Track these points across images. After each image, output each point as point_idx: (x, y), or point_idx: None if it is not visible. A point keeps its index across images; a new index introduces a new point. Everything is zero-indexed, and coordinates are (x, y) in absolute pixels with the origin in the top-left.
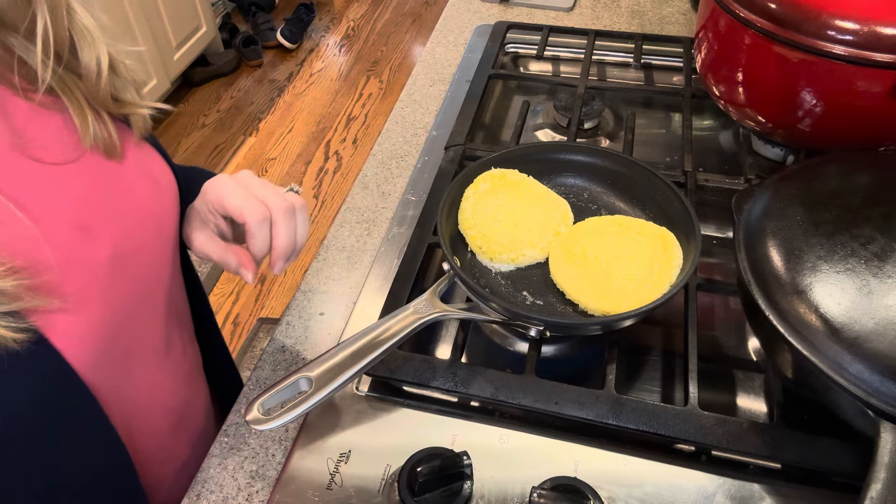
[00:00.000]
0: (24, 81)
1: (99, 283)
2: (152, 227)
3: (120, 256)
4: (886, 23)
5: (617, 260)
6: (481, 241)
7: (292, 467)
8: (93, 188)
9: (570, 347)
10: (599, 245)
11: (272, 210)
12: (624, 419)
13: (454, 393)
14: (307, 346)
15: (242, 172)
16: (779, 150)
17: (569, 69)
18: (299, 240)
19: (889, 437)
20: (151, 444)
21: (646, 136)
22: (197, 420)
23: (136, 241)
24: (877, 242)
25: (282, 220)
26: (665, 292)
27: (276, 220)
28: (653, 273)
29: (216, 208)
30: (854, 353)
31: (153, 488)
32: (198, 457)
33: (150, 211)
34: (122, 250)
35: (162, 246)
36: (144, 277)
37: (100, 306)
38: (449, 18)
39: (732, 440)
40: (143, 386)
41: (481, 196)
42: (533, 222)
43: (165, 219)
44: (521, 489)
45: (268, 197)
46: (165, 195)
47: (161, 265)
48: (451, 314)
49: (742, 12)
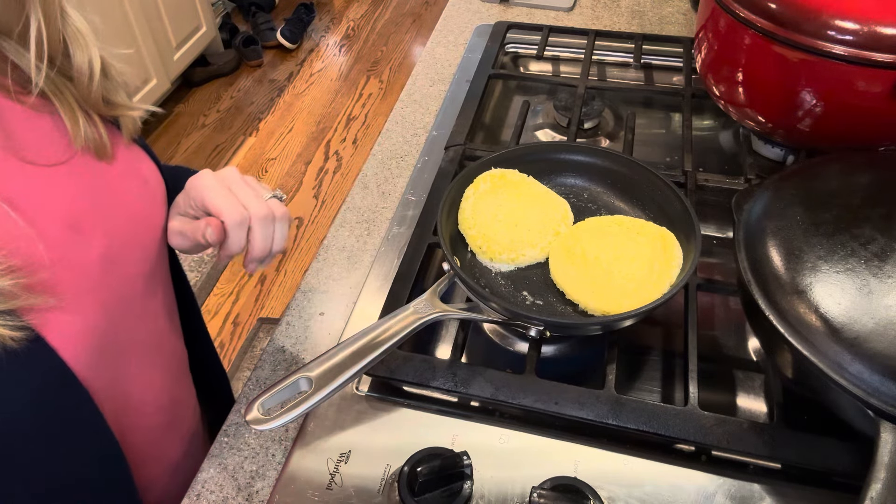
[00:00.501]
0: (17, 85)
1: (91, 281)
2: (142, 226)
3: (111, 255)
4: (886, 23)
5: (617, 260)
6: (481, 241)
7: (292, 467)
8: (84, 189)
9: (570, 347)
10: (599, 245)
11: (251, 214)
12: (624, 419)
13: (454, 393)
14: (307, 346)
15: (227, 170)
16: (779, 150)
17: (569, 69)
18: (275, 246)
19: (889, 437)
20: (144, 442)
21: (646, 136)
22: (187, 418)
23: (127, 239)
24: (877, 242)
25: (258, 226)
26: (665, 292)
27: (254, 225)
28: (653, 273)
29: (197, 204)
30: (854, 353)
31: (146, 488)
32: (189, 456)
33: (139, 211)
34: (113, 249)
35: (151, 244)
36: (135, 276)
37: (93, 304)
38: (449, 18)
39: (732, 440)
40: (135, 383)
41: (481, 196)
42: (533, 222)
43: (155, 218)
44: (521, 489)
45: (249, 200)
46: (154, 195)
47: (151, 263)
48: (451, 314)
49: (742, 12)
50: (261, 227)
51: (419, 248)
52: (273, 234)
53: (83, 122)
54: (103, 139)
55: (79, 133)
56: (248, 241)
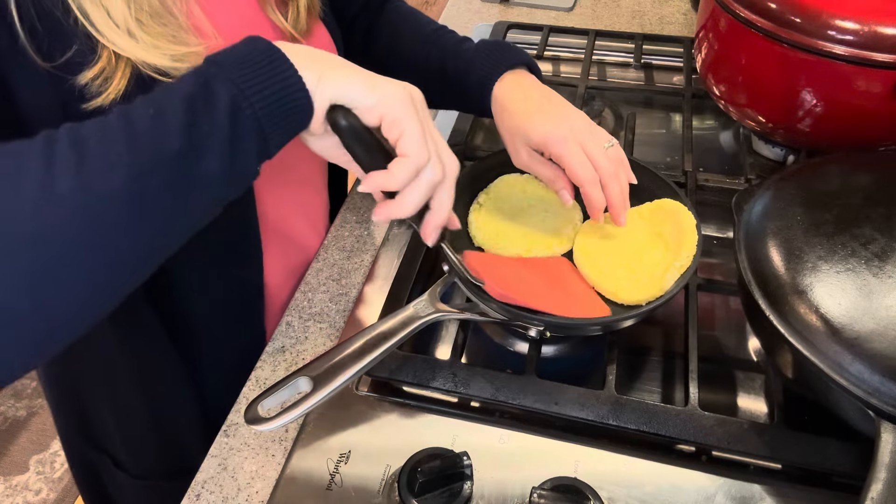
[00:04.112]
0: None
1: None
2: None
3: None
4: (886, 23)
5: (639, 249)
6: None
7: (292, 467)
8: None
9: (570, 347)
10: (622, 234)
11: (602, 176)
12: (624, 419)
13: (454, 393)
14: (307, 346)
15: (577, 118)
16: (779, 150)
17: (569, 69)
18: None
19: (889, 437)
20: (275, 240)
21: (646, 136)
22: (305, 251)
23: None
24: (877, 242)
25: (611, 182)
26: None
27: (608, 181)
28: (671, 252)
29: (538, 150)
30: (854, 353)
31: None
32: (290, 287)
33: None
34: None
35: None
36: None
37: None
38: (449, 18)
39: (733, 440)
40: (290, 196)
41: (489, 201)
42: (547, 224)
43: None
44: (521, 489)
45: (599, 160)
46: None
47: None
48: (451, 314)
49: (742, 12)
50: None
51: (419, 248)
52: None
53: None
54: None
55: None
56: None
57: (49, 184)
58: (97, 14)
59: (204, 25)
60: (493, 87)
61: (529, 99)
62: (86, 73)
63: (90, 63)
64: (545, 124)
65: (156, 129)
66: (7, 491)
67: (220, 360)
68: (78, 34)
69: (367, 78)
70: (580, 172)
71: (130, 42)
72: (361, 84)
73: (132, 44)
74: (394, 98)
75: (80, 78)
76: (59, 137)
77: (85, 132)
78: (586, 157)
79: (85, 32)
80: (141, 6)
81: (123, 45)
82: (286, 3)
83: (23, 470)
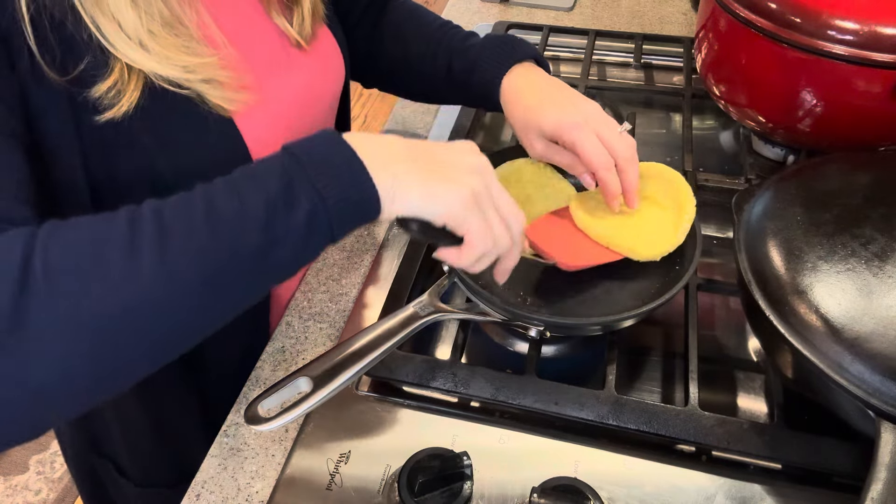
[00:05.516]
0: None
1: (286, 106)
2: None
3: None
4: (886, 23)
5: (635, 211)
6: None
7: (292, 467)
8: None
9: (570, 347)
10: None
11: (618, 160)
12: (624, 419)
13: (454, 393)
14: (307, 346)
15: (590, 107)
16: (779, 150)
17: (569, 69)
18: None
19: (889, 437)
20: None
21: (646, 136)
22: None
23: (305, 106)
24: (877, 242)
25: (629, 167)
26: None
27: (624, 166)
28: (671, 209)
29: (552, 139)
30: (854, 353)
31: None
32: (294, 286)
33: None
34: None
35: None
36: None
37: (283, 103)
38: (449, 18)
39: (733, 440)
40: None
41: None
42: (547, 205)
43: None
44: (521, 489)
45: (614, 145)
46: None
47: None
48: (451, 314)
49: (742, 12)
50: (631, 167)
51: (419, 248)
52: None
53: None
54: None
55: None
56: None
57: (134, 270)
58: (109, 26)
59: (214, 34)
60: (502, 82)
61: (539, 90)
62: (99, 86)
63: (103, 76)
64: (557, 113)
65: (238, 225)
66: (7, 491)
67: (223, 359)
68: (91, 47)
69: (432, 186)
70: (595, 159)
71: (142, 54)
72: (429, 198)
73: (144, 56)
74: (458, 205)
75: (93, 91)
76: (144, 221)
77: (169, 218)
78: (601, 143)
79: (98, 45)
80: (152, 17)
81: (135, 58)
82: (291, 9)
83: (23, 470)
